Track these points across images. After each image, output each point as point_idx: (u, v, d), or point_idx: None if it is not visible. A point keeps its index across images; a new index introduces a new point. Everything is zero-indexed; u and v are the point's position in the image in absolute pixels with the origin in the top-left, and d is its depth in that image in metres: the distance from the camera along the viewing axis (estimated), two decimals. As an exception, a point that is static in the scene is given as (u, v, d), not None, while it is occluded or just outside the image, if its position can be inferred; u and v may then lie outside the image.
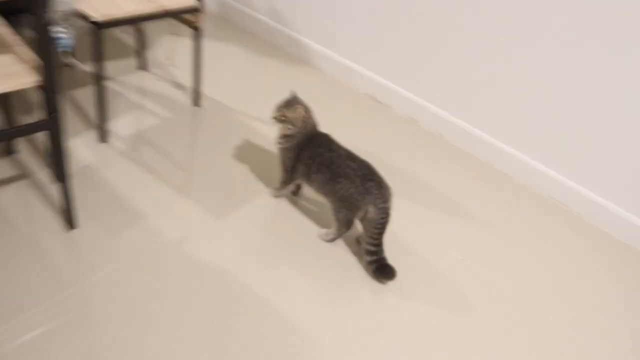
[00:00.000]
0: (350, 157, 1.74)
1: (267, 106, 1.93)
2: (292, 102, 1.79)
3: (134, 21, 1.96)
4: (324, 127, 1.84)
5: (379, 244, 1.71)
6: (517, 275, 1.88)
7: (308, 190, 1.92)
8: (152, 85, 2.41)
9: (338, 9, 2.65)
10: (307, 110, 1.78)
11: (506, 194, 2.26)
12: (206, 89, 2.39)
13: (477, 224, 2.05)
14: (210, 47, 2.66)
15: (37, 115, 1.46)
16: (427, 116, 2.53)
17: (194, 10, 2.06)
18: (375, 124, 2.53)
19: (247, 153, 2.13)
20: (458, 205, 2.13)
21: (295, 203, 1.95)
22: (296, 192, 1.99)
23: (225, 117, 2.33)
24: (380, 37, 2.56)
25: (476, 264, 1.89)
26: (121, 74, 2.42)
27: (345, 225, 1.76)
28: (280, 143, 1.83)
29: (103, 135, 2.02)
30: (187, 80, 2.42)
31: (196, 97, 2.33)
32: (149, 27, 2.68)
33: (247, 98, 2.47)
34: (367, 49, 2.63)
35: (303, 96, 1.81)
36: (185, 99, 2.37)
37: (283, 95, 1.80)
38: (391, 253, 1.72)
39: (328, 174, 1.72)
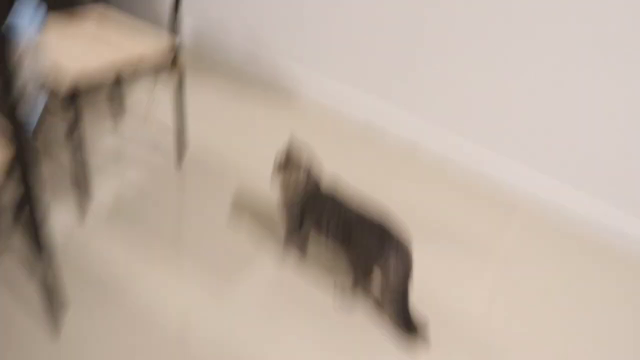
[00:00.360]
0: (362, 211, 1.59)
1: (259, 153, 2.03)
2: (291, 159, 1.67)
3: (110, 83, 1.74)
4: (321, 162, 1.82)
5: (405, 309, 1.55)
6: (555, 314, 1.76)
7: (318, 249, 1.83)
8: (132, 145, 2.20)
9: (319, 32, 2.57)
10: (308, 167, 1.66)
11: (519, 221, 2.14)
12: (191, 140, 2.20)
13: (498, 259, 1.94)
14: (190, 87, 2.41)
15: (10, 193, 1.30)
16: (425, 141, 2.46)
17: (172, 53, 1.84)
18: (369, 155, 2.39)
19: (242, 213, 1.94)
20: (473, 239, 2.01)
21: (302, 266, 1.77)
22: (303, 251, 1.82)
23: (214, 172, 2.12)
24: (369, 55, 2.47)
25: (511, 306, 1.76)
26: (97, 135, 2.21)
27: (362, 272, 1.61)
28: (282, 198, 1.72)
29: (83, 207, 1.85)
30: (170, 134, 2.20)
31: (181, 154, 2.13)
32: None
33: (237, 146, 2.29)
34: (356, 69, 2.53)
35: (298, 131, 1.77)
36: (169, 156, 2.15)
37: (275, 137, 1.82)
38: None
39: (340, 233, 1.59)
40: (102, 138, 2.21)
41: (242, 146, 2.31)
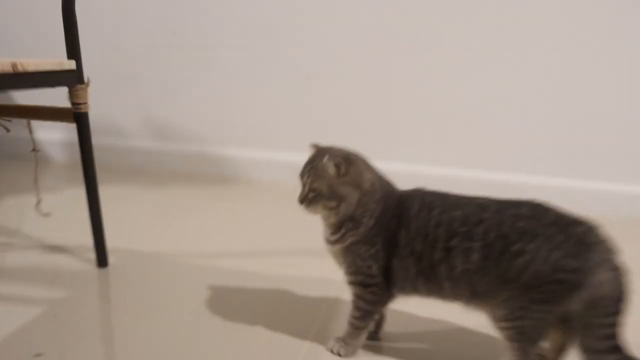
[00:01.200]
0: (510, 206, 1.02)
1: (198, 236, 1.72)
2: (316, 162, 1.08)
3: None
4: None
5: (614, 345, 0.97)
6: None
7: (399, 321, 1.29)
8: (25, 256, 1.66)
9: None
10: (348, 161, 1.06)
11: None
12: (111, 238, 1.60)
13: None
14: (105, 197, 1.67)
15: None
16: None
17: (71, 77, 1.34)
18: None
19: (197, 315, 1.32)
20: None
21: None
22: (377, 332, 1.22)
23: (147, 270, 1.60)
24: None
25: None
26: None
27: (537, 339, 1.01)
28: (337, 241, 1.10)
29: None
30: (76, 230, 1.71)
31: (100, 251, 1.56)
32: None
33: (168, 237, 1.85)
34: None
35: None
36: (82, 259, 1.62)
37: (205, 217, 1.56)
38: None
39: (478, 249, 0.98)
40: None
41: (173, 236, 1.88)
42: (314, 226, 1.14)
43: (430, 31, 2.10)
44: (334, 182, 1.06)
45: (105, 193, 1.92)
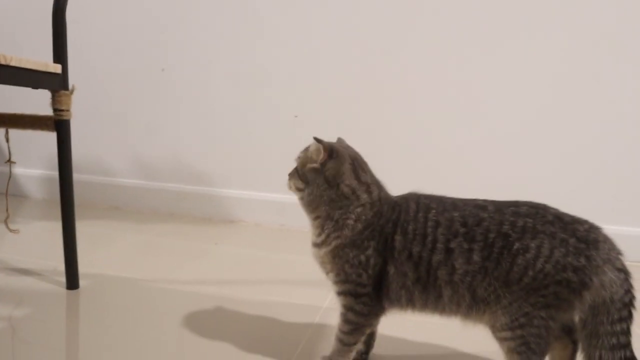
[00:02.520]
0: (505, 207, 0.97)
1: (177, 267, 1.65)
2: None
3: None
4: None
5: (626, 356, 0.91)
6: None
7: (389, 345, 1.22)
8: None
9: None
10: (331, 153, 1.03)
11: None
12: (84, 265, 1.55)
13: None
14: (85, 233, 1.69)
15: None
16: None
17: (56, 81, 1.30)
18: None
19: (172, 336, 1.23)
20: None
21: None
22: (367, 354, 1.15)
23: (120, 293, 1.50)
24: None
25: None
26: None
27: (541, 351, 0.93)
28: (323, 243, 1.05)
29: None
30: (48, 256, 1.70)
31: (71, 274, 1.47)
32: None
33: (145, 266, 1.73)
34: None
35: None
36: (52, 281, 1.53)
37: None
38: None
39: (479, 250, 0.93)
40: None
41: (151, 264, 1.78)
42: (299, 264, 1.08)
43: (423, 74, 2.13)
44: (308, 164, 1.05)
45: (85, 227, 1.85)
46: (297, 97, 2.26)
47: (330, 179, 1.03)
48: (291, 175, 1.10)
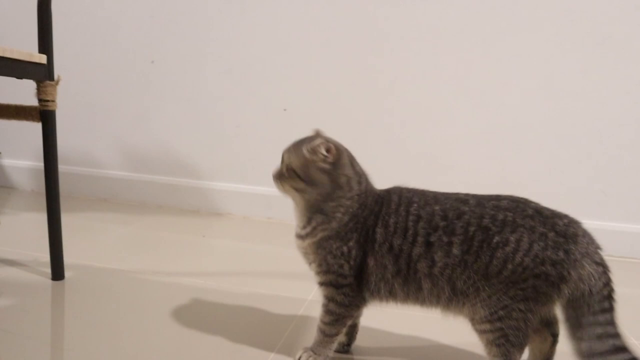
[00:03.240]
0: (485, 201, 0.98)
1: (163, 259, 1.64)
2: (304, 142, 1.04)
3: None
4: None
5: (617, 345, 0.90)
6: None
7: (371, 336, 1.23)
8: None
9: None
10: (339, 151, 1.03)
11: None
12: (70, 256, 1.57)
13: None
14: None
15: None
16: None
17: (41, 72, 1.29)
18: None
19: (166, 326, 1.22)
20: None
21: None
22: (349, 345, 1.16)
23: (105, 284, 1.49)
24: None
25: None
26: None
27: (520, 344, 0.94)
28: (308, 235, 1.04)
29: None
30: (33, 247, 1.70)
31: (56, 264, 1.47)
32: None
33: (132, 258, 1.73)
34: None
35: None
36: (36, 272, 1.53)
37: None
38: None
39: (459, 243, 0.94)
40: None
41: (139, 256, 1.77)
42: (285, 257, 1.08)
43: (413, 69, 2.13)
44: (312, 164, 1.02)
45: (72, 218, 1.84)
46: (286, 90, 2.26)
47: (335, 174, 1.02)
48: (282, 176, 1.04)
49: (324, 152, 1.01)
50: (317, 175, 1.02)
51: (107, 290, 1.46)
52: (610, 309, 0.91)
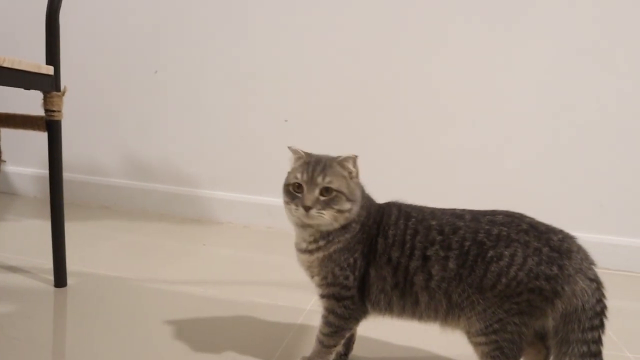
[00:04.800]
0: (481, 216, 1.00)
1: (165, 267, 1.66)
2: (325, 162, 1.03)
3: None
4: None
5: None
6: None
7: (369, 347, 1.24)
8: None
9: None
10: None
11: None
12: (73, 263, 1.57)
13: None
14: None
15: None
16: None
17: (48, 83, 1.32)
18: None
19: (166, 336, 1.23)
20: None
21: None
22: (346, 355, 1.17)
23: (107, 291, 1.51)
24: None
25: None
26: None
27: (514, 356, 0.95)
28: (319, 248, 1.04)
29: None
30: (36, 254, 1.72)
31: (59, 271, 1.48)
32: None
33: (134, 266, 1.74)
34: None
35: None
36: (39, 279, 1.54)
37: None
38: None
39: (454, 257, 0.96)
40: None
41: (136, 266, 1.78)
42: (285, 266, 1.09)
43: (414, 80, 2.16)
44: (351, 180, 1.03)
45: (75, 225, 1.86)
46: (287, 101, 2.29)
47: (360, 187, 1.07)
48: (332, 201, 1.00)
49: (352, 166, 1.03)
50: (357, 190, 1.04)
51: (108, 297, 1.47)
52: (600, 326, 0.94)
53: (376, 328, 1.21)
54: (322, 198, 1.00)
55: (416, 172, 2.18)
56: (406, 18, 2.12)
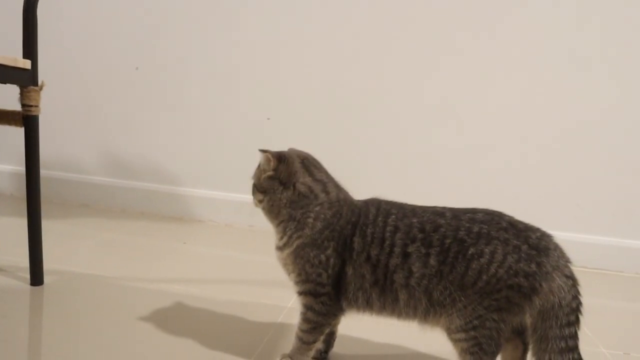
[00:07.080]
0: (462, 215, 1.01)
1: (143, 265, 1.66)
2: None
3: None
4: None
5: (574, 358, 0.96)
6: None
7: (349, 344, 1.25)
8: None
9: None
10: (279, 159, 1.09)
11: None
12: (50, 261, 1.54)
13: None
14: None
15: None
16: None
17: (25, 77, 1.30)
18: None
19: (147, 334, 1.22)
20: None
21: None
22: (326, 352, 1.17)
23: (84, 289, 1.49)
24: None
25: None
26: None
27: (492, 352, 0.97)
28: (285, 245, 1.08)
29: None
30: (11, 252, 1.69)
31: (35, 269, 1.46)
32: None
33: (111, 264, 1.72)
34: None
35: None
36: (15, 277, 1.51)
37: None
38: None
39: (435, 255, 0.97)
40: None
41: (113, 264, 1.77)
42: (266, 264, 1.10)
43: (398, 80, 2.17)
44: (262, 175, 1.10)
45: (53, 224, 1.83)
46: (270, 99, 2.28)
47: (285, 181, 1.08)
48: (252, 192, 1.14)
49: (268, 163, 1.09)
50: (268, 183, 1.09)
51: (86, 296, 1.46)
52: (576, 322, 0.95)
53: (357, 325, 1.22)
54: (253, 190, 1.13)
55: (400, 170, 2.19)
56: (392, 18, 2.13)
